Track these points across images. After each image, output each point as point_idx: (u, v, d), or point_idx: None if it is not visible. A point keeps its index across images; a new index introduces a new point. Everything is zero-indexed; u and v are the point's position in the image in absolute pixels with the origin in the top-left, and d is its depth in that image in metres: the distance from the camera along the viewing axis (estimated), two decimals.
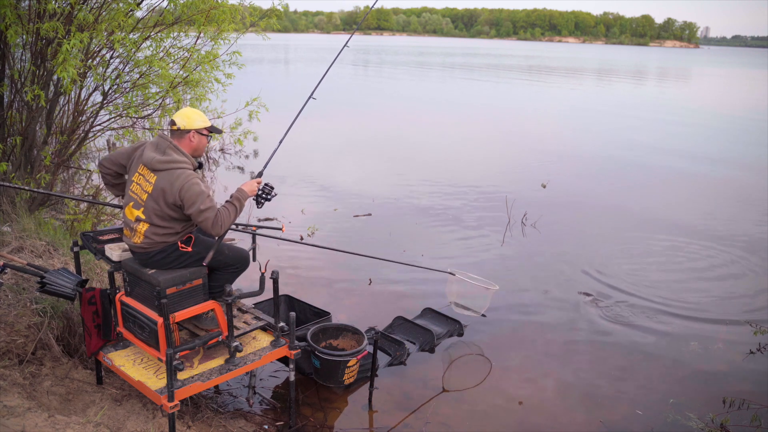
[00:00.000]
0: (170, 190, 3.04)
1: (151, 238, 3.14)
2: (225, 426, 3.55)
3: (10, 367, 3.35)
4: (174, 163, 3.07)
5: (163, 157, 3.08)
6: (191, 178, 3.06)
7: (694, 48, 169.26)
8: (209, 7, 5.81)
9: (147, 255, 3.18)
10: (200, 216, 3.04)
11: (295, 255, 6.66)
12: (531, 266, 6.62)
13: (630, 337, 5.08)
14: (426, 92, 25.62)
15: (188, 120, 3.17)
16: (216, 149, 11.75)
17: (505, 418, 3.98)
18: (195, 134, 3.19)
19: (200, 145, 3.24)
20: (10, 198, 5.27)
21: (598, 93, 28.95)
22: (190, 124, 3.16)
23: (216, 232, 3.10)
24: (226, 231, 3.18)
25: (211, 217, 3.05)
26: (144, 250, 3.17)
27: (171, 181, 3.04)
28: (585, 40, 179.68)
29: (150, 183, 3.09)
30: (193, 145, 3.20)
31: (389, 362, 4.47)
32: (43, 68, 5.26)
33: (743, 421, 3.84)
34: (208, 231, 3.11)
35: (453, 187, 9.81)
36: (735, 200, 9.75)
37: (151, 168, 3.09)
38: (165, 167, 3.06)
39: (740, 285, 6.30)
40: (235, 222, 3.25)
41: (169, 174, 3.05)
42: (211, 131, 3.28)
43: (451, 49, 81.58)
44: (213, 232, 3.10)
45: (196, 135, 3.19)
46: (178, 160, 3.09)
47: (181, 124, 3.15)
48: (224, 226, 3.11)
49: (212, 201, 3.10)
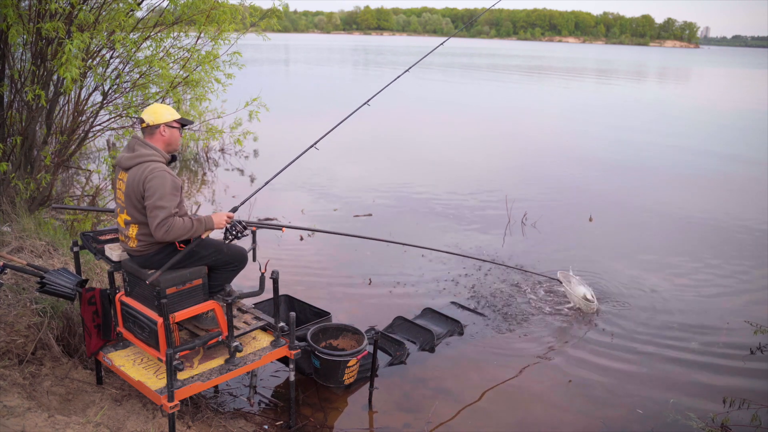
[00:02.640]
0: (138, 183, 3.02)
1: (143, 240, 3.12)
2: (225, 426, 3.54)
3: (10, 367, 3.35)
4: (141, 157, 3.06)
5: (132, 154, 3.08)
6: (157, 171, 3.02)
7: (695, 48, 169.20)
8: (210, 7, 5.82)
9: (145, 258, 3.17)
10: (152, 211, 2.97)
11: (296, 255, 6.66)
12: (531, 266, 6.61)
13: (630, 337, 5.07)
14: (426, 92, 25.62)
15: (156, 115, 3.16)
16: (216, 149, 11.76)
17: (505, 418, 3.98)
18: (165, 128, 3.17)
19: (172, 139, 3.22)
20: (10, 198, 5.27)
21: (599, 93, 28.95)
22: (158, 119, 3.16)
23: (159, 236, 2.99)
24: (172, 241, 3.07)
25: (161, 216, 2.95)
26: (141, 253, 3.16)
27: (138, 174, 3.03)
28: (585, 40, 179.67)
29: (124, 181, 3.09)
30: (165, 139, 3.19)
31: (389, 362, 4.47)
32: (43, 68, 5.26)
33: (743, 420, 3.84)
34: (153, 231, 3.00)
35: (453, 187, 9.80)
36: (735, 200, 9.75)
37: (123, 167, 3.10)
38: (133, 162, 3.06)
39: (740, 284, 6.30)
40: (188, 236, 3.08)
41: (137, 168, 3.05)
42: (182, 123, 3.27)
43: (452, 49, 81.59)
44: (157, 233, 2.98)
45: (166, 129, 3.18)
46: (145, 153, 3.08)
47: (150, 120, 3.15)
48: (171, 234, 2.98)
49: (173, 203, 3.00)
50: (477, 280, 6.15)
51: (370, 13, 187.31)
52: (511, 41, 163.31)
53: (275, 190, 9.25)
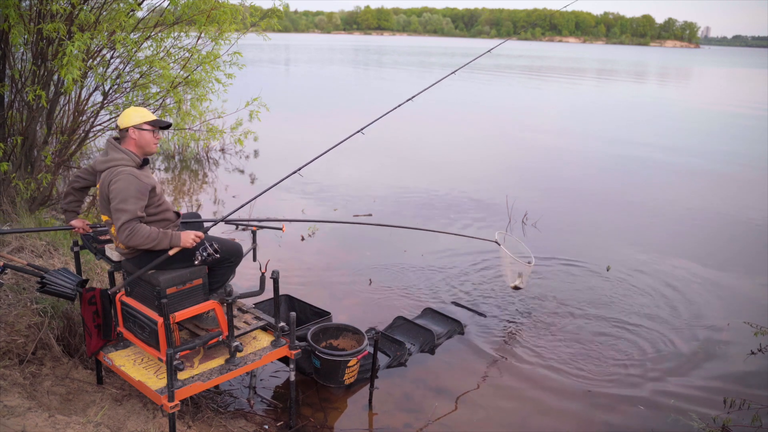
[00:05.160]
0: (105, 186, 3.09)
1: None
2: (225, 426, 3.55)
3: (11, 367, 3.35)
4: (112, 161, 3.12)
5: (105, 158, 3.15)
6: (123, 175, 3.03)
7: (695, 48, 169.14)
8: (210, 7, 5.82)
9: (137, 259, 3.18)
10: (115, 214, 3.00)
11: (296, 255, 6.66)
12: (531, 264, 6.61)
13: (631, 338, 5.07)
14: (426, 92, 25.58)
15: (125, 118, 3.19)
16: (216, 149, 11.76)
17: (505, 418, 3.98)
18: (134, 131, 3.18)
19: (142, 141, 3.20)
20: (10, 198, 5.27)
21: (599, 92, 28.95)
22: (126, 122, 3.18)
23: (122, 239, 2.98)
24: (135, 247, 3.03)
25: (122, 219, 2.94)
26: (130, 254, 3.19)
27: (106, 178, 3.09)
28: (585, 40, 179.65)
29: (97, 185, 3.19)
30: (135, 142, 3.19)
31: (389, 362, 4.47)
32: (44, 68, 5.26)
33: (744, 421, 3.84)
34: (116, 234, 3.01)
35: (453, 187, 9.80)
36: (736, 200, 9.74)
37: (98, 171, 3.18)
38: (105, 166, 3.13)
39: (741, 284, 6.30)
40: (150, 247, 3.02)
41: (107, 172, 3.11)
42: (155, 125, 3.24)
43: (452, 49, 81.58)
44: (119, 237, 2.98)
45: (135, 131, 3.18)
46: (116, 157, 3.12)
47: (120, 123, 3.21)
48: (133, 239, 2.96)
49: (137, 206, 2.98)
50: (477, 279, 6.15)
51: (370, 13, 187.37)
52: (512, 41, 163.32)
53: (275, 191, 9.24)
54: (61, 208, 3.49)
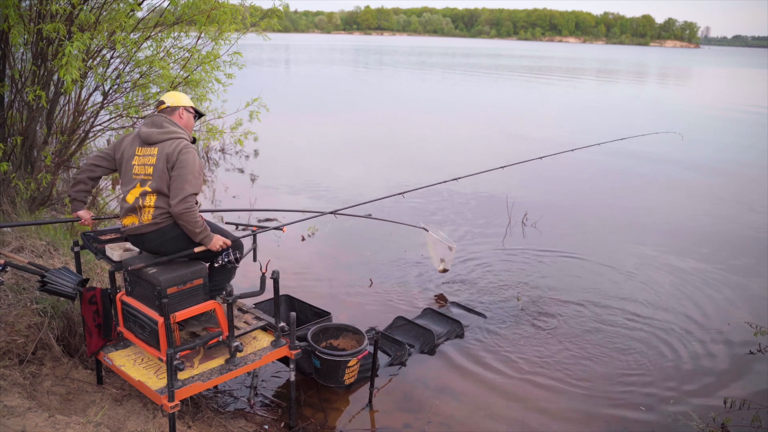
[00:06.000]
0: (172, 154, 3.12)
1: (162, 207, 3.14)
2: (225, 426, 3.55)
3: (11, 367, 3.35)
4: (174, 133, 3.20)
5: (162, 129, 3.21)
6: (190, 148, 3.17)
7: (695, 48, 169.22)
8: (210, 7, 5.81)
9: (160, 232, 3.16)
10: (181, 183, 3.04)
11: (296, 255, 6.66)
12: (531, 266, 6.61)
13: (630, 338, 5.07)
14: (426, 92, 25.63)
15: (176, 98, 3.36)
16: (216, 149, 11.76)
17: (505, 418, 3.98)
18: (183, 111, 3.37)
19: (189, 123, 3.39)
20: (10, 198, 5.27)
21: (599, 92, 28.94)
22: (178, 101, 3.36)
23: (178, 210, 3.03)
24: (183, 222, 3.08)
25: (188, 191, 3.05)
26: (157, 225, 3.16)
27: (173, 147, 3.14)
28: (585, 40, 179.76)
29: (153, 155, 3.17)
30: (183, 122, 3.35)
31: (389, 362, 4.47)
32: (43, 68, 5.26)
33: (744, 421, 3.84)
34: (175, 202, 3.04)
35: (453, 187, 9.78)
36: (736, 200, 9.74)
37: (151, 142, 3.18)
38: (166, 137, 3.18)
39: (741, 285, 6.29)
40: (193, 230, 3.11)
41: (171, 142, 3.17)
42: (197, 112, 3.45)
43: (452, 49, 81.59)
44: (177, 207, 3.03)
45: (184, 112, 3.37)
46: (177, 131, 3.23)
47: (170, 102, 3.34)
48: (188, 214, 3.04)
49: (199, 183, 3.13)
50: (478, 279, 6.15)
51: (370, 13, 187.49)
52: (512, 41, 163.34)
53: (275, 191, 9.25)
54: (68, 195, 3.50)
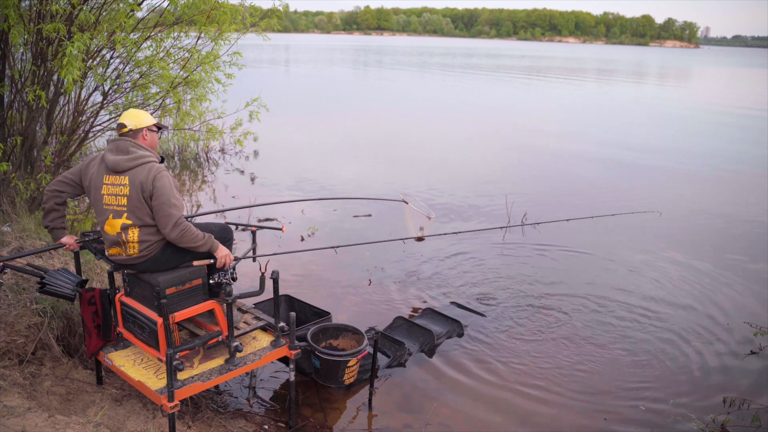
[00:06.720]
0: (146, 182, 2.99)
1: (147, 240, 3.06)
2: (225, 426, 3.55)
3: (10, 367, 3.35)
4: (142, 158, 3.05)
5: (129, 156, 3.03)
6: (163, 172, 3.05)
7: (695, 48, 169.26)
8: (210, 7, 5.82)
9: (151, 261, 3.12)
10: (167, 209, 2.97)
11: (296, 255, 6.65)
12: (531, 266, 6.61)
13: (630, 338, 5.07)
14: (425, 92, 25.62)
15: (138, 120, 3.17)
16: (216, 149, 11.76)
17: (505, 418, 3.98)
18: (146, 132, 3.20)
19: (153, 142, 3.24)
20: (10, 198, 5.27)
21: (599, 92, 28.94)
22: (140, 123, 3.17)
23: (174, 236, 3.00)
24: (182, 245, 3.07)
25: (177, 215, 2.99)
26: (145, 257, 3.10)
27: (145, 174, 3.01)
28: (585, 40, 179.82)
29: (124, 185, 3.01)
30: (147, 142, 3.20)
31: (389, 363, 4.47)
32: (43, 68, 5.26)
33: (744, 421, 3.84)
34: (168, 230, 3.00)
35: (453, 187, 9.80)
36: (736, 200, 9.74)
37: (119, 171, 3.02)
38: (135, 164, 3.03)
39: (741, 284, 6.29)
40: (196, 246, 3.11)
41: (141, 168, 3.02)
42: (159, 127, 3.31)
43: (452, 50, 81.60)
44: (172, 234, 2.99)
45: (148, 132, 3.20)
46: (145, 154, 3.07)
47: (132, 124, 3.14)
48: (185, 236, 3.01)
49: (181, 204, 3.06)
50: (478, 279, 6.15)
51: (370, 13, 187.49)
52: (512, 41, 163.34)
53: (275, 191, 9.25)
54: (45, 227, 3.30)
